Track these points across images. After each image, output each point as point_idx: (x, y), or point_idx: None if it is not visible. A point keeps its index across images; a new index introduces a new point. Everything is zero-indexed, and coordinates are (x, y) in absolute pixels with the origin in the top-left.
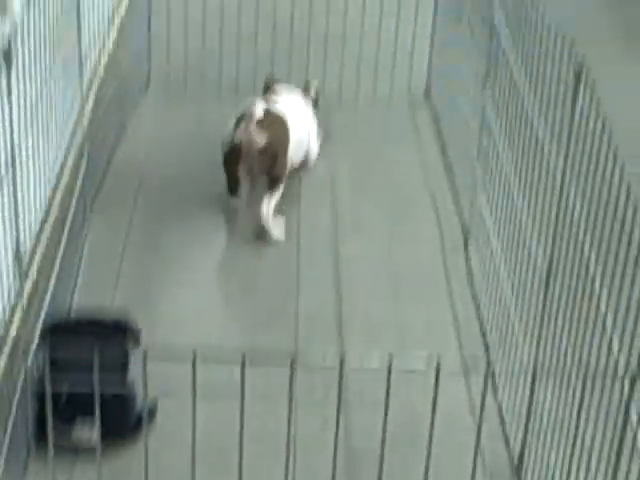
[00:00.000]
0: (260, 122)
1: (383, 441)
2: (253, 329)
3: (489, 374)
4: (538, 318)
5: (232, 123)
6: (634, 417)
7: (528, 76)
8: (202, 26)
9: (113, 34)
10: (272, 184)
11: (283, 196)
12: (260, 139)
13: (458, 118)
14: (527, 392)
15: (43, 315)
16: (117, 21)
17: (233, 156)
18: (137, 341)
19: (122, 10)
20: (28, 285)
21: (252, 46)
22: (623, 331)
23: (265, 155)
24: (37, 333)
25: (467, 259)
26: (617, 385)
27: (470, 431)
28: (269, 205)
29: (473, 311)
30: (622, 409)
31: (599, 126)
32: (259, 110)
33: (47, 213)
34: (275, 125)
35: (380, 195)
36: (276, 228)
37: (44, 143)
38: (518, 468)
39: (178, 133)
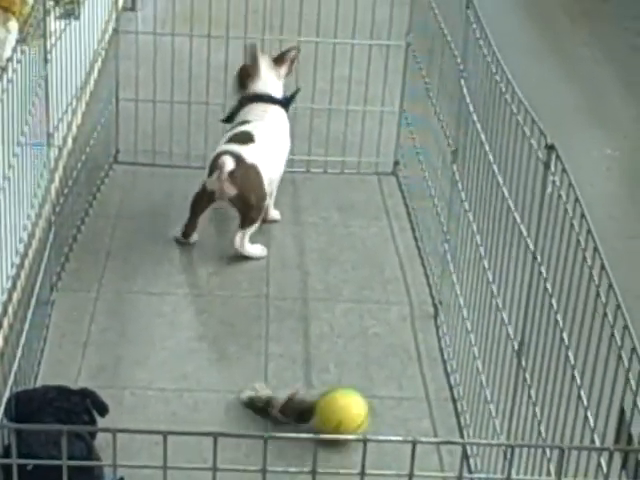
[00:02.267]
0: (232, 173)
1: None
2: (222, 403)
3: (464, 457)
4: (512, 387)
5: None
6: None
7: (498, 149)
8: (170, 97)
9: (81, 106)
10: (246, 224)
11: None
12: (232, 190)
13: (426, 192)
14: (502, 463)
15: (9, 386)
16: (86, 93)
17: (203, 200)
18: (103, 414)
19: (91, 81)
20: None
21: (220, 116)
22: (599, 404)
23: (238, 203)
24: (2, 404)
25: (437, 329)
26: (594, 459)
27: None
28: (244, 239)
29: (444, 380)
30: None
31: (572, 199)
32: (229, 163)
33: (14, 285)
34: (247, 175)
35: (350, 266)
36: (254, 248)
37: (13, 213)
38: None
39: (147, 205)
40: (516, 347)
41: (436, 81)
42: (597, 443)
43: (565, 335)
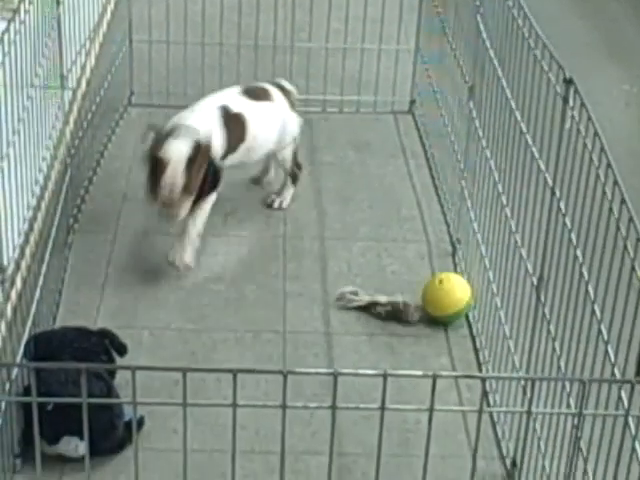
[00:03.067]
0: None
1: (379, 447)
2: (241, 342)
3: (484, 392)
4: (530, 322)
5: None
6: (632, 425)
7: (515, 85)
8: (184, 39)
9: (95, 47)
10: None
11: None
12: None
13: (444, 130)
14: (521, 399)
15: (28, 327)
16: (99, 34)
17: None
18: (122, 354)
19: (104, 23)
20: (13, 296)
21: (234, 58)
22: (619, 338)
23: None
24: (22, 345)
25: (455, 266)
26: (614, 393)
27: (464, 438)
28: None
29: (464, 320)
30: (621, 417)
31: (590, 133)
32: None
33: (31, 227)
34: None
35: (366, 204)
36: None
37: (27, 156)
38: (512, 472)
39: None
40: (535, 283)
41: (452, 18)
42: (618, 377)
43: (585, 270)
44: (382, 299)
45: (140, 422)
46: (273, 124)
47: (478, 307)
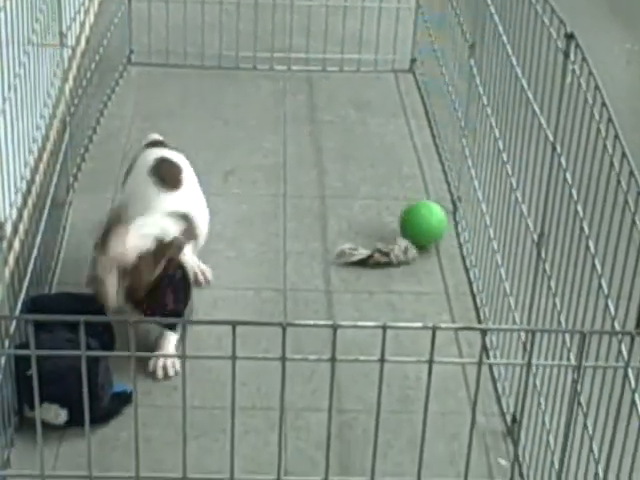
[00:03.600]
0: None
1: (379, 400)
2: (241, 300)
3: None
4: (531, 279)
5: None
6: (632, 377)
7: (516, 42)
8: None
9: (94, 5)
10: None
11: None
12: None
13: (444, 88)
14: (521, 355)
15: (25, 286)
16: None
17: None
18: None
19: None
20: (10, 256)
21: (234, 17)
22: (619, 293)
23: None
24: (19, 304)
25: (456, 224)
26: (614, 347)
27: (464, 394)
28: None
29: (464, 275)
30: (621, 370)
31: (592, 88)
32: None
33: (29, 185)
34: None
35: (367, 163)
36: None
37: (25, 113)
38: (512, 428)
39: (161, 105)
40: (536, 239)
41: None
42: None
43: (585, 225)
44: (381, 246)
45: (128, 397)
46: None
47: (478, 265)
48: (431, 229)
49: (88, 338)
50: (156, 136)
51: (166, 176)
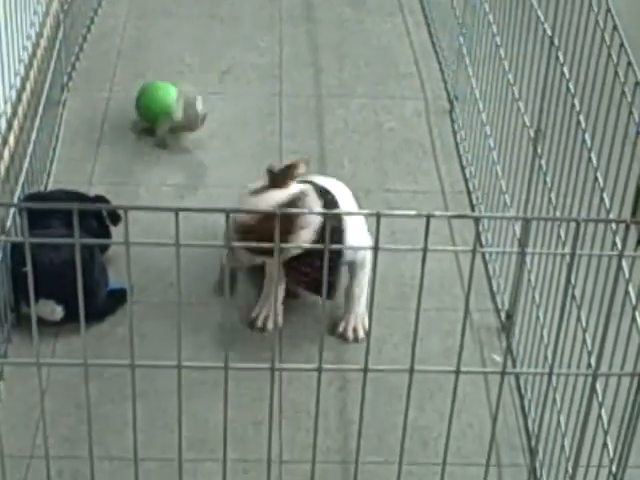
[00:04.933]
0: None
1: (373, 293)
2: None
3: (478, 239)
4: (527, 176)
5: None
6: (626, 267)
7: None
8: None
9: None
10: None
11: None
12: None
13: None
14: (516, 248)
15: (21, 183)
16: None
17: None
18: (116, 222)
19: None
20: (6, 153)
21: None
22: (614, 188)
23: None
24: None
25: (452, 123)
26: (608, 240)
27: (459, 292)
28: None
29: (459, 174)
30: (614, 262)
31: None
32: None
33: (23, 83)
34: None
35: (363, 62)
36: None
37: (18, 9)
38: (506, 324)
39: (156, 4)
40: (532, 135)
41: None
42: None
43: (582, 118)
44: None
45: (124, 295)
46: None
47: (474, 163)
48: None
49: (84, 234)
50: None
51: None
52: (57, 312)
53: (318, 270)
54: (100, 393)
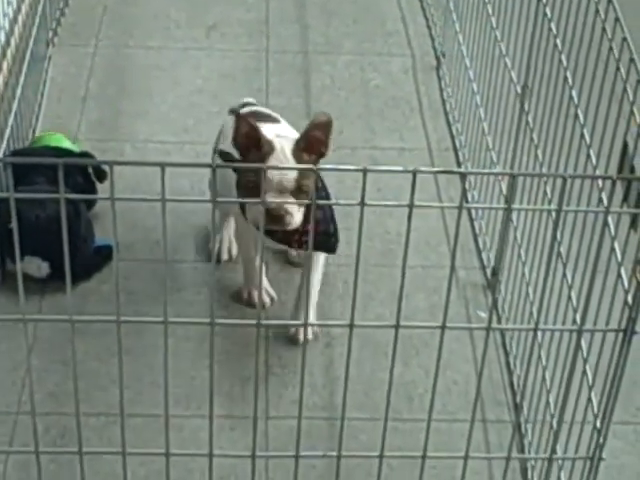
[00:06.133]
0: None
1: (359, 246)
2: None
3: (464, 195)
4: (514, 133)
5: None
6: (612, 224)
7: None
8: None
9: None
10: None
11: None
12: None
13: None
14: (502, 204)
15: (6, 139)
16: None
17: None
18: (102, 179)
19: None
20: None
21: None
22: (601, 143)
23: None
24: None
25: (439, 80)
26: (595, 195)
27: (445, 249)
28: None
29: (446, 131)
30: (599, 220)
31: None
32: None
33: (7, 39)
34: None
35: (350, 19)
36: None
37: None
38: (492, 282)
39: None
40: (519, 91)
41: None
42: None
43: (569, 75)
44: None
45: (110, 252)
46: None
47: (461, 120)
48: None
49: (69, 191)
50: (249, 99)
51: (264, 118)
52: (43, 269)
53: (319, 223)
54: (86, 350)
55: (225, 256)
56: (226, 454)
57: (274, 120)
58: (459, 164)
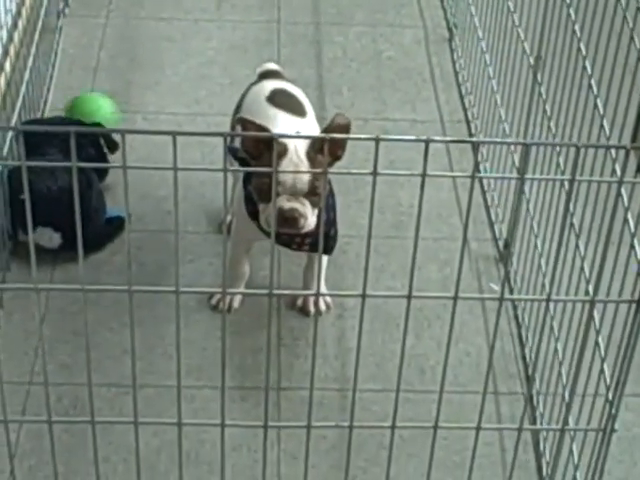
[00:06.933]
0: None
1: (371, 216)
2: None
3: (476, 167)
4: (526, 104)
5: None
6: (625, 195)
7: None
8: None
9: None
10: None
11: None
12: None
13: None
14: (515, 174)
15: (17, 109)
16: None
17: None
18: (114, 150)
19: None
20: (2, 79)
21: None
22: (614, 117)
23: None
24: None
25: (452, 52)
26: (608, 165)
27: (457, 221)
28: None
29: (458, 103)
30: (613, 190)
31: None
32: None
33: (19, 9)
34: None
35: None
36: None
37: None
38: (504, 254)
39: None
40: (532, 62)
41: None
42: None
43: (582, 45)
44: None
45: (121, 223)
46: None
47: (474, 92)
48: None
49: (81, 162)
50: (271, 65)
51: (289, 105)
52: (55, 239)
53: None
54: (98, 320)
55: None
56: (238, 424)
57: (299, 112)
58: (471, 136)
